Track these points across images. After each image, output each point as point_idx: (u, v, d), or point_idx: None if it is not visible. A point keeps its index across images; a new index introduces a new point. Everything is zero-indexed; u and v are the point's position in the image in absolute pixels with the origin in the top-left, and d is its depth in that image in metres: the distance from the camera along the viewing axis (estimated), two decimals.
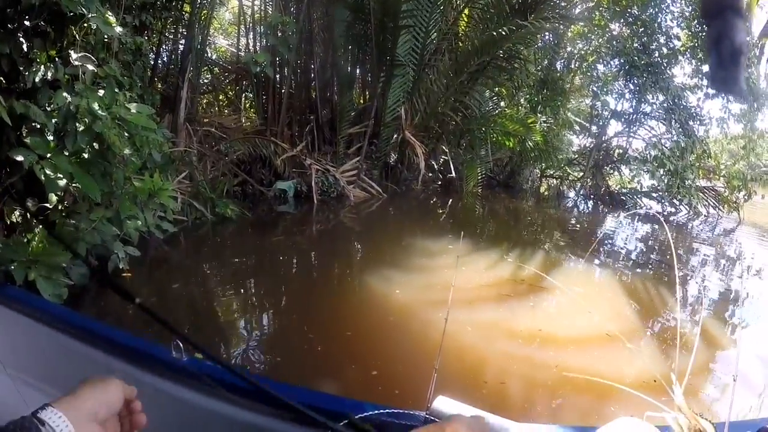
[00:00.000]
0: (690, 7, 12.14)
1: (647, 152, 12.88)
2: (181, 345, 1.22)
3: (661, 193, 12.67)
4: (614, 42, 12.69)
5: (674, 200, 12.51)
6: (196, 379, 1.21)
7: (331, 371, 3.63)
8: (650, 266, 7.29)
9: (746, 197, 12.47)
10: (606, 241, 8.84)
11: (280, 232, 8.23)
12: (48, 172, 3.40)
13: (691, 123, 12.28)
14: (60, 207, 3.96)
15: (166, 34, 9.54)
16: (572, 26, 13.24)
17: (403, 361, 3.77)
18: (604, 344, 4.34)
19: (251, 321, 4.74)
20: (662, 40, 12.62)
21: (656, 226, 11.12)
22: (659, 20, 12.51)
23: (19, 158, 3.31)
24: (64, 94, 3.69)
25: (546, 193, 14.99)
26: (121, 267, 4.61)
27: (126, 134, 4.31)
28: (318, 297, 5.29)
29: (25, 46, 3.63)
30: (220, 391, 1.12)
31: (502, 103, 13.68)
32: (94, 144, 4.02)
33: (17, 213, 3.81)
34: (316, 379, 3.48)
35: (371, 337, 4.27)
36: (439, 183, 13.61)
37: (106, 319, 4.17)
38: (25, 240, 3.43)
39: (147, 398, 1.35)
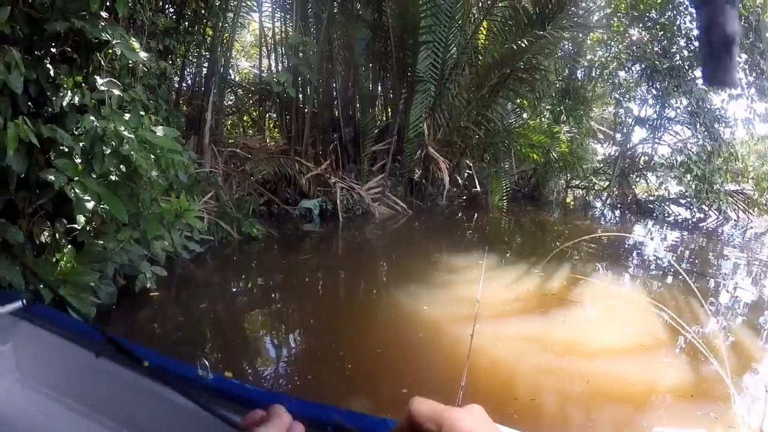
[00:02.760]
0: None
1: (673, 158, 12.66)
2: (207, 363, 1.22)
3: (689, 199, 12.42)
4: (634, 47, 12.57)
5: (703, 206, 12.27)
6: (222, 398, 1.21)
7: (362, 389, 3.60)
8: (681, 275, 7.10)
9: None
10: (635, 251, 8.65)
11: (307, 251, 8.26)
12: (77, 192, 3.48)
13: (716, 126, 12.06)
14: (88, 228, 4.05)
15: (190, 57, 9.77)
16: (591, 34, 13.17)
17: (432, 378, 3.73)
18: (636, 357, 4.24)
19: (280, 339, 4.74)
20: (682, 42, 12.48)
21: (686, 233, 10.88)
22: (678, 22, 12.35)
23: (51, 178, 3.40)
24: (91, 117, 3.79)
25: (572, 204, 14.81)
26: (148, 286, 4.68)
27: (152, 156, 4.40)
28: (346, 314, 5.28)
29: (52, 72, 3.74)
30: (245, 410, 1.11)
31: (525, 115, 13.60)
32: (121, 166, 4.11)
33: (46, 233, 3.89)
34: (347, 397, 3.45)
35: (401, 354, 4.23)
36: (464, 197, 13.55)
37: (134, 337, 4.22)
38: (54, 260, 3.50)
39: (174, 417, 1.35)
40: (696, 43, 12.22)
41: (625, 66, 13.17)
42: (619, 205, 13.59)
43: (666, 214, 12.78)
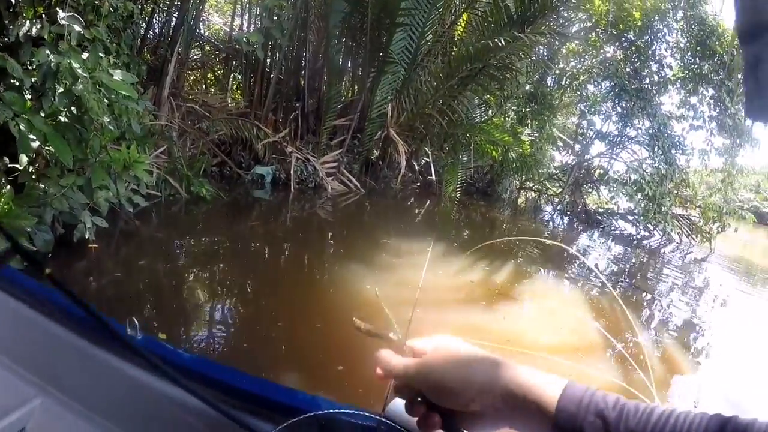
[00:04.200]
0: (685, 39, 12.40)
1: (628, 175, 13.09)
2: (137, 323, 1.15)
3: (637, 217, 12.88)
4: (607, 64, 12.84)
5: (649, 225, 12.73)
6: (152, 359, 1.14)
7: (298, 362, 3.56)
8: (619, 287, 7.38)
9: (720, 229, 12.76)
10: (578, 259, 8.94)
11: (255, 218, 8.10)
12: (22, 129, 3.25)
13: (673, 151, 12.51)
14: (30, 169, 3.80)
15: (161, 4, 9.32)
16: (567, 44, 13.36)
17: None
18: (571, 359, 4.35)
19: (218, 305, 4.62)
20: (654, 67, 12.89)
21: (629, 249, 11.30)
22: (653, 48, 12.74)
23: None
24: (47, 51, 3.54)
25: (523, 205, 15.12)
26: (87, 237, 4.46)
27: (106, 101, 4.17)
28: (289, 286, 5.21)
29: (12, 0, 3.47)
30: (173, 374, 1.05)
31: (490, 112, 13.72)
32: (72, 108, 3.88)
33: None
34: (282, 369, 3.41)
35: (340, 330, 4.19)
36: (418, 184, 13.60)
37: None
38: None
39: (100, 376, 1.27)
40: (666, 70, 12.68)
41: (595, 80, 13.47)
42: (568, 213, 13.96)
43: (612, 228, 13.24)
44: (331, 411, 1.01)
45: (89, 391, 1.31)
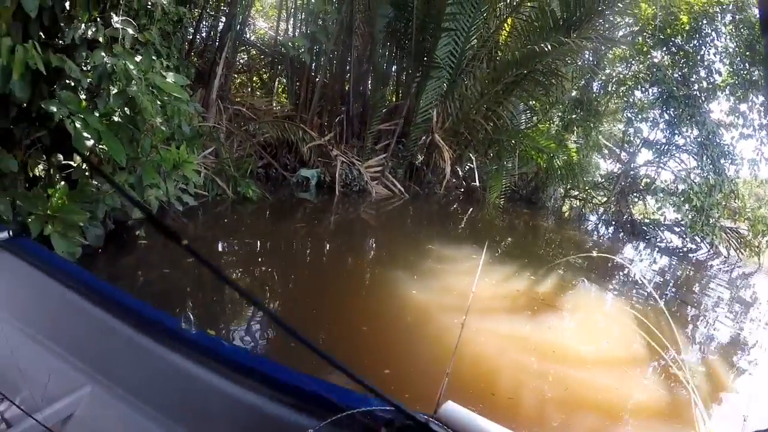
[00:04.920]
0: (734, 44, 11.93)
1: (675, 185, 12.68)
2: (192, 318, 1.19)
3: (683, 228, 12.43)
4: (654, 70, 12.41)
5: (696, 237, 12.28)
6: (201, 352, 1.18)
7: (345, 363, 3.57)
8: (665, 300, 7.14)
9: None
10: (624, 269, 8.68)
11: (299, 219, 8.21)
12: (78, 127, 3.40)
13: (722, 161, 12.02)
14: (84, 166, 3.96)
15: (209, 10, 9.60)
16: (614, 48, 13.04)
17: (416, 363, 3.73)
18: (615, 372, 4.27)
19: (264, 303, 4.69)
20: (703, 73, 12.40)
21: (675, 261, 10.92)
22: (702, 53, 12.27)
23: (53, 109, 3.31)
24: (102, 53, 3.69)
25: (568, 213, 14.79)
26: (137, 234, 4.62)
27: (158, 102, 4.32)
28: (334, 288, 5.26)
29: (68, 3, 3.62)
30: (223, 368, 1.07)
31: (535, 118, 13.51)
32: (126, 108, 4.03)
33: (41, 167, 3.81)
34: (328, 370, 3.43)
35: (387, 334, 4.22)
36: (462, 190, 13.51)
37: (116, 282, 4.17)
38: (46, 195, 3.43)
39: (151, 366, 1.31)
40: (716, 76, 12.23)
41: (642, 86, 13.03)
42: (613, 223, 13.58)
43: (658, 239, 12.81)
44: (380, 408, 1.02)
45: (138, 381, 1.35)
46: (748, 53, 11.61)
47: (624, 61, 13.63)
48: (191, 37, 8.89)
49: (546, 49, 9.39)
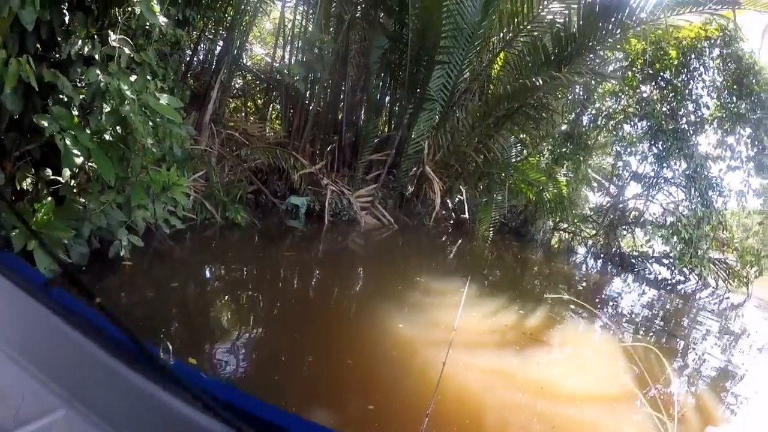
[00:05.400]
0: (722, 77, 12.26)
1: (664, 218, 12.81)
2: (170, 347, 1.14)
3: (672, 260, 12.48)
4: (643, 104, 12.66)
5: (685, 269, 12.35)
6: (179, 384, 1.12)
7: (328, 399, 3.48)
8: (653, 333, 7.11)
9: (758, 273, 12.31)
10: (612, 303, 8.67)
11: (287, 247, 8.13)
12: (68, 143, 3.35)
13: (710, 193, 12.20)
14: (72, 183, 3.90)
15: (207, 33, 9.68)
16: (604, 83, 13.30)
17: (401, 399, 3.63)
18: (604, 408, 4.20)
19: (247, 333, 4.55)
20: (691, 107, 12.62)
21: (663, 293, 10.93)
22: (690, 87, 12.54)
23: (44, 123, 3.26)
24: (97, 71, 3.67)
25: (556, 246, 14.83)
26: (122, 254, 4.52)
27: (151, 123, 4.29)
28: (319, 319, 5.14)
29: (66, 18, 3.62)
30: (201, 401, 1.02)
31: (526, 151, 13.66)
32: (118, 127, 3.99)
33: (29, 180, 3.74)
34: (312, 404, 3.33)
35: (371, 368, 4.11)
36: (451, 222, 13.52)
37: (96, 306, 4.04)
38: (32, 210, 3.35)
39: (127, 394, 1.25)
40: (703, 110, 12.50)
41: (631, 120, 13.26)
42: (602, 255, 13.64)
43: (647, 272, 12.85)
44: None
45: (114, 408, 1.29)
46: (735, 87, 11.94)
47: (614, 95, 13.88)
48: (188, 59, 8.93)
49: (537, 83, 9.53)
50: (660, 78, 12.61)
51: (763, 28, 13.22)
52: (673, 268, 12.71)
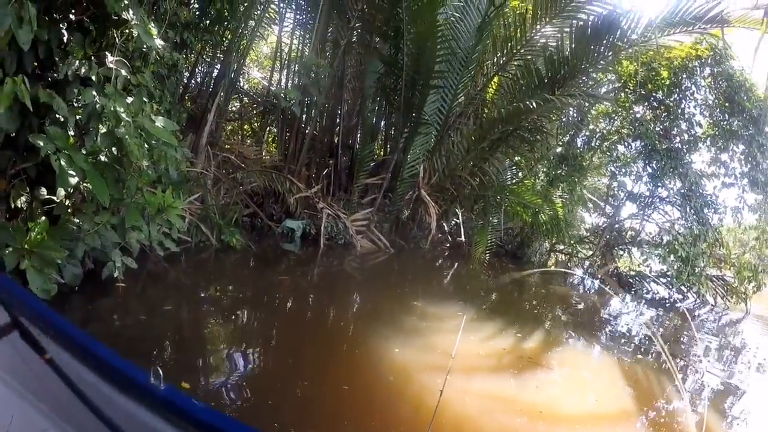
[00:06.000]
0: (713, 96, 12.41)
1: (660, 237, 12.81)
2: (161, 372, 1.12)
3: (669, 279, 12.47)
4: (637, 124, 12.76)
5: (682, 287, 12.33)
6: (169, 409, 1.10)
7: (323, 424, 3.43)
8: (652, 353, 7.07)
9: (755, 288, 12.30)
10: (610, 324, 8.62)
11: (283, 271, 8.10)
12: (63, 164, 3.34)
13: (706, 210, 12.24)
14: (67, 203, 3.88)
15: (204, 56, 9.77)
16: (597, 105, 13.43)
17: (397, 425, 3.59)
18: (606, 429, 4.14)
19: (242, 358, 4.50)
20: (684, 126, 12.74)
21: (661, 311, 10.89)
22: (683, 106, 12.67)
23: (39, 143, 3.26)
24: (93, 92, 3.69)
25: (553, 267, 14.78)
26: (115, 276, 4.49)
27: (146, 145, 4.29)
28: (315, 344, 5.11)
29: (65, 39, 3.64)
30: (192, 427, 1.00)
31: (521, 174, 13.72)
32: (113, 148, 3.99)
33: (23, 199, 3.72)
34: (307, 430, 3.28)
35: (368, 394, 4.06)
36: (448, 245, 13.50)
37: (89, 326, 4.02)
38: (26, 229, 3.33)
39: (116, 417, 1.22)
40: (696, 129, 12.63)
41: (625, 141, 13.35)
42: (599, 276, 13.61)
43: (645, 291, 12.81)
44: None
45: (102, 430, 1.26)
46: (727, 104, 12.08)
47: (607, 116, 14.00)
48: (186, 81, 9.01)
49: (531, 106, 9.60)
50: (652, 98, 12.75)
51: (754, 46, 13.42)
52: (670, 287, 12.67)
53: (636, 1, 23.04)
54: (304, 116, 10.69)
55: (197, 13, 7.70)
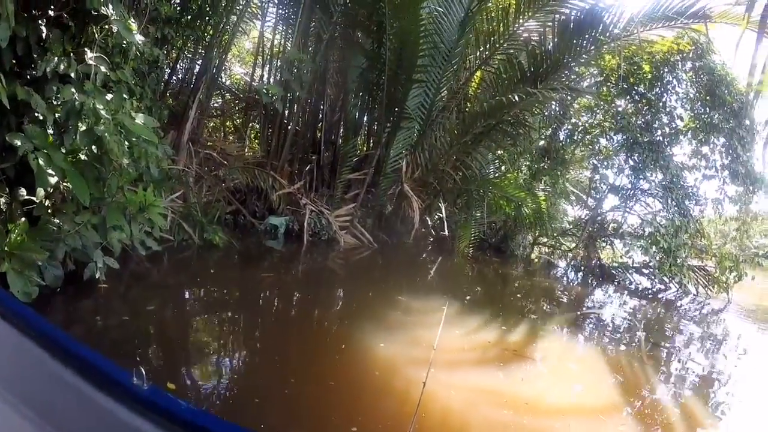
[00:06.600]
0: (695, 89, 12.57)
1: (642, 228, 12.94)
2: (143, 372, 1.09)
3: (652, 270, 12.66)
4: (618, 117, 12.88)
5: (665, 278, 12.48)
6: (154, 410, 1.08)
7: (310, 421, 3.40)
8: (636, 343, 7.16)
9: (737, 278, 12.45)
10: (594, 315, 8.71)
11: (266, 268, 8.04)
12: (41, 163, 3.26)
13: (687, 202, 12.41)
14: (47, 203, 3.80)
15: (185, 52, 9.64)
16: (579, 98, 13.54)
17: (384, 420, 3.57)
18: (592, 421, 4.17)
19: (227, 356, 4.47)
20: (665, 119, 12.87)
21: (644, 302, 11.04)
22: (664, 100, 12.81)
23: (17, 143, 3.18)
24: (72, 89, 3.60)
25: (537, 260, 14.89)
26: (97, 277, 4.41)
27: (126, 143, 4.22)
28: (300, 340, 5.07)
29: (43, 35, 3.55)
30: (176, 427, 0.98)
31: (504, 168, 13.78)
32: (93, 147, 3.91)
33: (2, 200, 3.63)
34: (294, 427, 3.25)
35: (354, 389, 4.04)
36: (431, 239, 13.51)
37: (72, 328, 3.95)
38: (5, 230, 3.25)
39: (101, 420, 1.20)
40: (678, 122, 12.78)
41: (607, 134, 13.47)
42: (582, 268, 13.73)
43: (628, 282, 12.96)
44: None
45: None
46: (708, 98, 12.22)
47: (589, 110, 14.11)
48: (167, 77, 8.87)
49: (514, 100, 9.64)
50: (634, 92, 12.87)
51: (736, 41, 13.60)
52: (653, 278, 12.83)
53: None
54: (286, 112, 10.62)
55: (178, 8, 7.59)
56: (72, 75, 3.67)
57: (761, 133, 12.07)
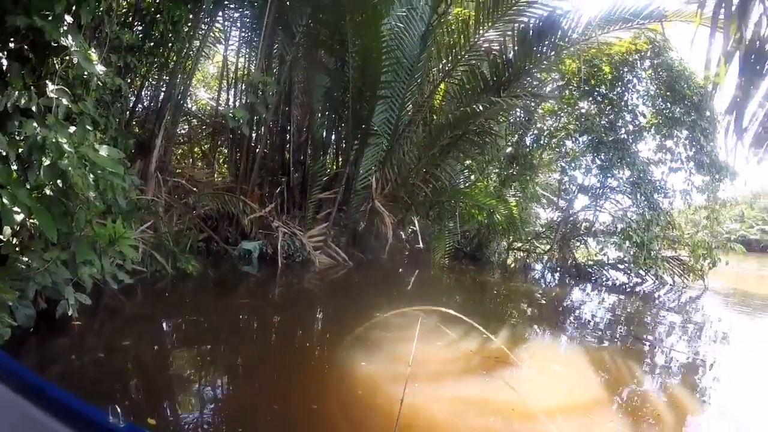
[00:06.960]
0: (655, 86, 12.94)
1: (614, 225, 13.18)
2: (119, 410, 1.07)
3: (627, 265, 12.87)
4: (583, 119, 13.15)
5: (640, 271, 12.72)
6: None
7: None
8: (618, 338, 7.25)
9: (711, 265, 12.78)
10: (573, 314, 8.80)
11: (242, 294, 7.94)
12: (5, 201, 3.17)
13: (656, 196, 12.70)
14: (14, 241, 3.68)
15: (150, 79, 9.54)
16: (543, 103, 13.82)
17: None
18: (579, 420, 4.20)
19: (208, 388, 4.38)
20: (628, 117, 13.18)
21: (623, 297, 11.20)
22: (626, 99, 13.15)
23: None
24: (34, 124, 3.52)
25: (513, 265, 15.00)
26: (70, 314, 4.28)
27: (91, 176, 4.12)
28: (281, 365, 4.99)
29: (3, 68, 3.47)
30: None
31: (473, 177, 13.90)
32: (58, 181, 3.82)
33: None
34: None
35: (338, 410, 3.99)
36: (407, 253, 13.52)
37: (47, 369, 3.83)
38: None
39: None
40: (640, 119, 13.13)
41: (572, 136, 13.70)
42: (559, 269, 13.88)
43: (604, 279, 13.16)
44: None
45: None
46: (668, 93, 12.60)
47: (553, 114, 14.33)
48: (132, 105, 8.75)
49: (478, 109, 9.76)
50: (596, 93, 13.18)
51: (691, 37, 14.03)
52: (629, 272, 13.04)
53: (577, 1, 23.84)
54: (253, 135, 10.57)
55: (140, 35, 7.52)
56: (33, 109, 3.59)
57: (722, 123, 12.44)
